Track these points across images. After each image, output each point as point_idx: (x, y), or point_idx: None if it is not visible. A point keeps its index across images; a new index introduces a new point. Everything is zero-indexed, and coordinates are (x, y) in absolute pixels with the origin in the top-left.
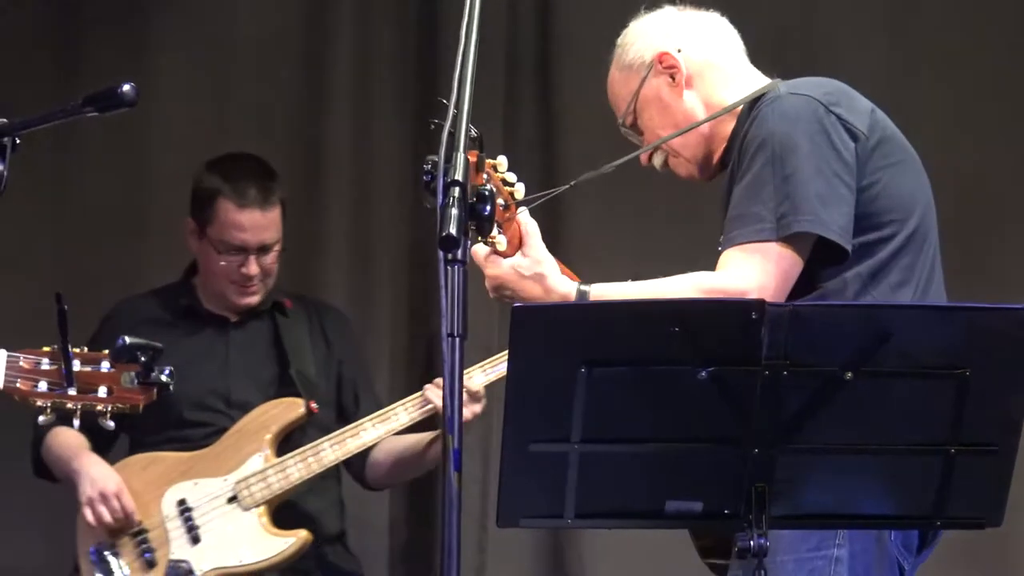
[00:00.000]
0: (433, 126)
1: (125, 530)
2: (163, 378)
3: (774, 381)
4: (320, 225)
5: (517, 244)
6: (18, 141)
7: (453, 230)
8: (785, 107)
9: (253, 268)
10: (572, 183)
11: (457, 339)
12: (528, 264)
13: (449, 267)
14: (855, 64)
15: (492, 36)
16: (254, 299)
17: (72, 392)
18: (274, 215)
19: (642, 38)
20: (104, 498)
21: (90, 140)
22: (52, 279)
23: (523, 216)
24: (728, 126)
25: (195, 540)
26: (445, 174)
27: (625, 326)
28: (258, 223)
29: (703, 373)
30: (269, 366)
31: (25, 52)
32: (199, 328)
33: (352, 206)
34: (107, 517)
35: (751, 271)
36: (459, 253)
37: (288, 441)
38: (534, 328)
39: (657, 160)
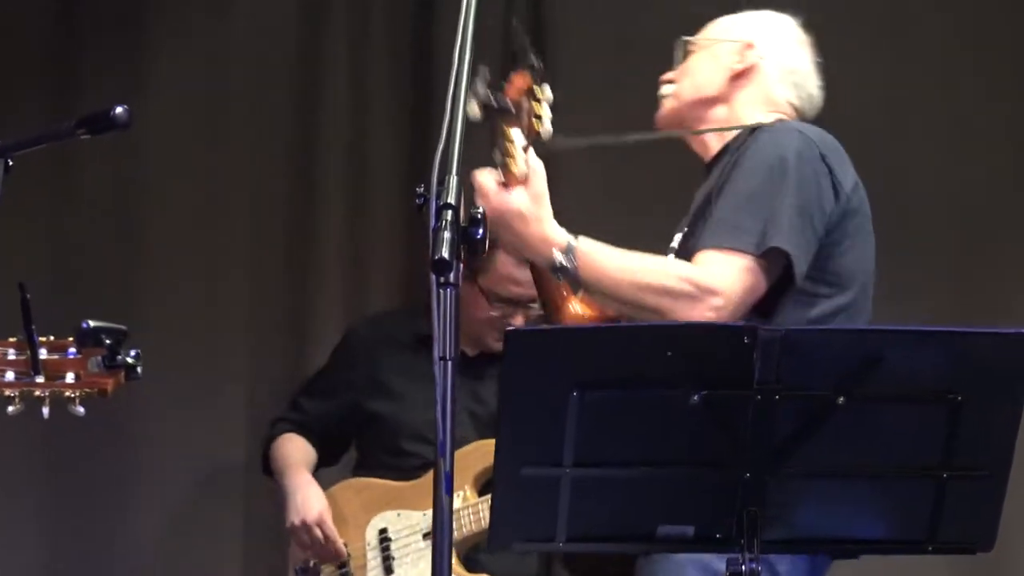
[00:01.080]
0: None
1: (330, 556)
2: (129, 360)
3: (766, 405)
4: (314, 248)
5: (522, 179)
6: (11, 163)
7: (446, 253)
8: (787, 139)
9: (519, 322)
10: (589, 141)
11: (449, 362)
12: (529, 204)
13: (441, 290)
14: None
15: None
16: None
17: (40, 380)
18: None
19: (758, 23)
20: (306, 527)
21: (84, 157)
22: (48, 294)
23: (532, 156)
24: (727, 136)
25: (388, 571)
26: (438, 197)
27: (617, 350)
28: (530, 279)
29: (695, 397)
30: (491, 406)
31: (20, 73)
32: (430, 358)
33: (346, 226)
34: (309, 545)
35: (727, 275)
36: (451, 276)
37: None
38: (526, 352)
39: (666, 88)
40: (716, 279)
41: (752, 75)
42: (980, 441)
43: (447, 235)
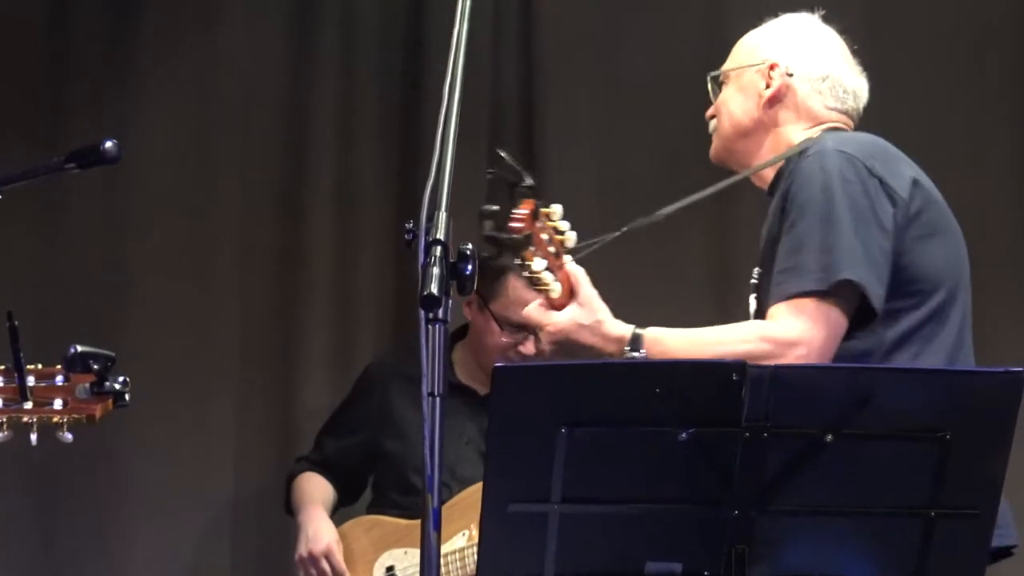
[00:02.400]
0: (490, 175)
1: None
2: (117, 387)
3: (755, 443)
4: (303, 282)
5: (568, 291)
6: (0, 197)
7: (435, 289)
8: (828, 163)
9: (530, 347)
10: (624, 229)
11: (438, 398)
12: (584, 312)
13: (430, 326)
14: None
15: (475, 98)
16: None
17: (28, 406)
18: None
19: (777, 37)
20: (312, 559)
21: (72, 188)
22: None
23: (570, 264)
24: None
25: None
26: (427, 233)
27: (606, 387)
28: None
29: (684, 434)
30: None
31: (6, 106)
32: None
33: (335, 258)
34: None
35: (802, 323)
36: (440, 312)
37: None
38: (515, 388)
39: (713, 122)
40: (792, 329)
41: (785, 95)
42: (969, 480)
43: (436, 271)
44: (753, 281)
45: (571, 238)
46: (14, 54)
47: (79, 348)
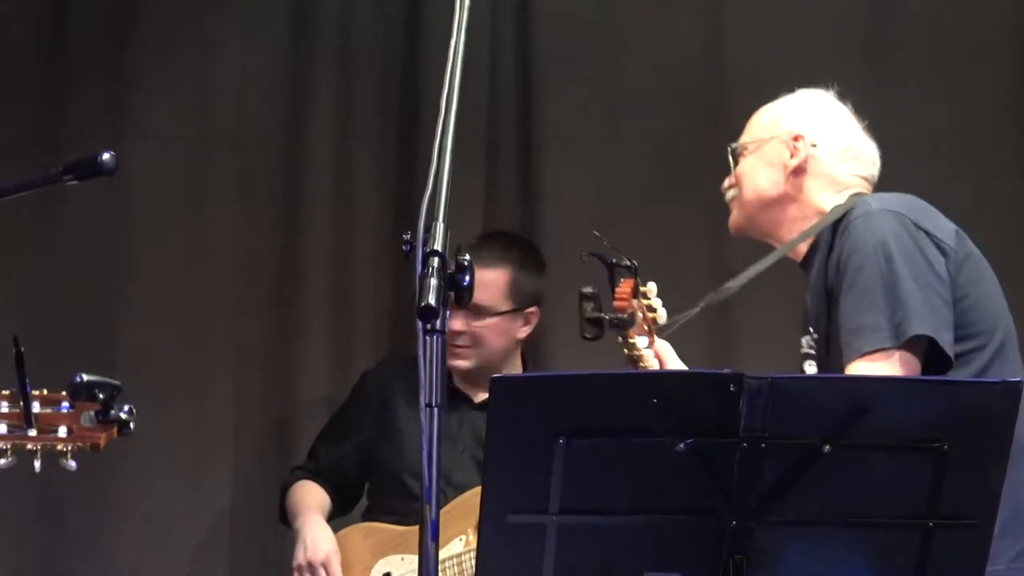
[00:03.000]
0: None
1: None
2: (122, 416)
3: (752, 453)
4: (299, 289)
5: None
6: None
7: (432, 300)
8: (878, 223)
9: (458, 323)
10: (701, 305)
11: (435, 409)
12: None
13: (428, 337)
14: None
15: (472, 109)
16: (460, 362)
17: (32, 433)
18: (494, 277)
19: (800, 109)
20: (311, 567)
21: (68, 204)
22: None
23: (659, 342)
24: (808, 222)
25: None
26: (424, 244)
27: (603, 398)
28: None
29: (681, 445)
30: None
31: (3, 122)
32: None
33: (332, 270)
34: None
35: (880, 372)
36: (438, 323)
37: None
38: (513, 399)
39: (730, 193)
40: None
41: (810, 165)
42: (966, 490)
43: (433, 282)
44: (806, 350)
45: (662, 316)
46: (11, 67)
47: (84, 377)
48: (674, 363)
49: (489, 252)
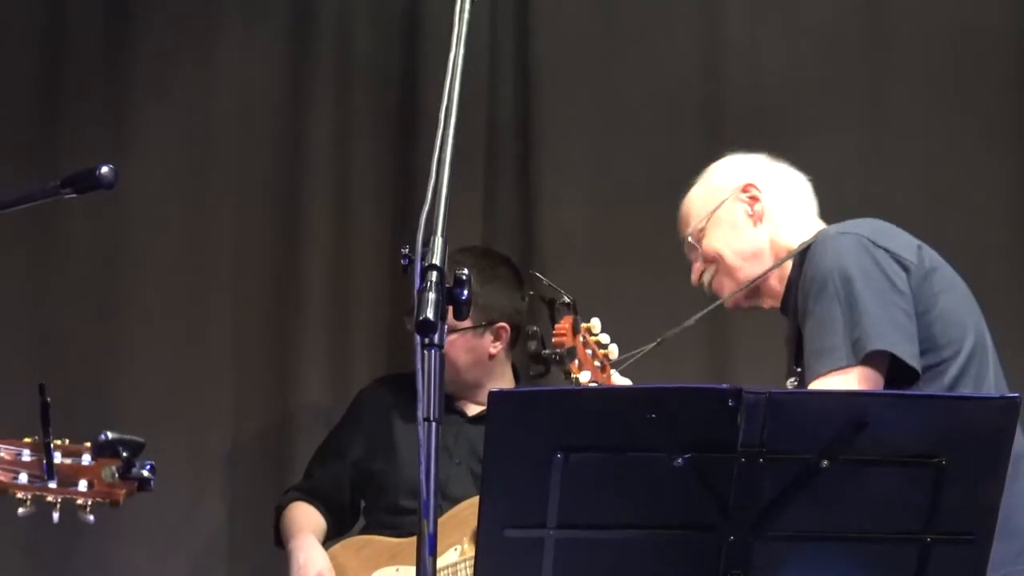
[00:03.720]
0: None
1: None
2: (144, 473)
3: (750, 468)
4: (297, 301)
5: None
6: None
7: (430, 314)
8: (835, 246)
9: None
10: (659, 340)
11: (433, 423)
12: None
13: (426, 351)
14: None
15: (471, 123)
16: None
17: (52, 485)
18: None
19: (732, 166)
20: None
21: (66, 218)
22: (27, 363)
23: (615, 375)
24: (784, 270)
25: None
26: (423, 258)
27: (601, 412)
28: None
29: (679, 460)
30: None
31: (4, 131)
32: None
33: (330, 283)
34: None
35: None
36: (436, 337)
37: None
38: (510, 414)
39: (706, 277)
40: None
41: (768, 211)
42: (964, 505)
43: (432, 296)
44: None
45: (613, 351)
46: (9, 78)
47: (109, 435)
48: None
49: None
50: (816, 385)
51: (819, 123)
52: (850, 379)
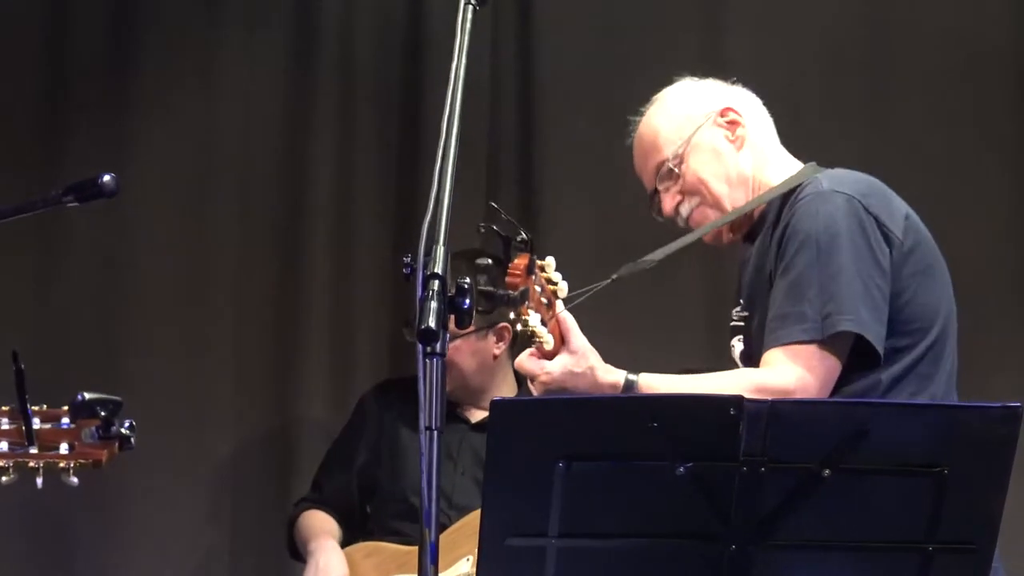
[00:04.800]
0: (483, 229)
1: None
2: (123, 431)
3: (752, 477)
4: (299, 311)
5: (559, 339)
6: None
7: (432, 323)
8: (828, 205)
9: None
10: (614, 276)
11: (435, 432)
12: (575, 360)
13: (428, 360)
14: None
15: (473, 132)
16: None
17: (33, 451)
18: None
19: (702, 90)
20: None
21: (70, 228)
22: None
23: (561, 313)
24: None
25: None
26: (424, 267)
27: (603, 421)
28: None
29: (681, 469)
30: None
31: (5, 149)
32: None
33: (332, 293)
34: None
35: (797, 370)
36: (438, 346)
37: None
38: (512, 423)
39: (684, 209)
40: (788, 378)
41: (750, 139)
42: (966, 514)
43: (434, 305)
44: (735, 323)
45: (563, 288)
46: (12, 90)
47: (86, 396)
48: (576, 337)
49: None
50: (774, 354)
51: (820, 133)
52: (811, 356)
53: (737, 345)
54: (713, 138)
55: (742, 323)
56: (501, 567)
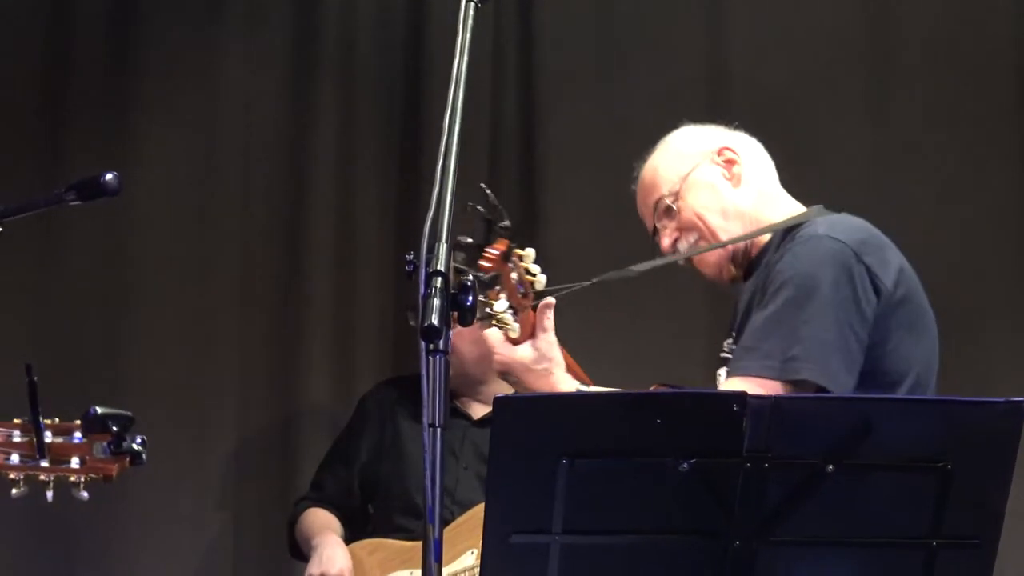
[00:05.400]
0: (469, 209)
1: None
2: (135, 446)
3: (755, 474)
4: (302, 307)
5: (529, 332)
6: (1, 229)
7: (435, 320)
8: (820, 250)
9: None
10: (594, 280)
11: (439, 429)
12: (535, 358)
13: (431, 357)
14: (836, 150)
15: (475, 130)
16: None
17: (44, 464)
18: None
19: (701, 133)
20: None
21: (71, 228)
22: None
23: (544, 309)
24: (761, 240)
25: None
26: (427, 264)
27: (607, 418)
28: None
29: (684, 465)
30: None
31: (6, 148)
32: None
33: (335, 289)
34: None
35: None
36: (441, 343)
37: None
38: (516, 420)
39: (682, 245)
40: None
41: (746, 177)
42: (970, 509)
43: (436, 302)
44: (724, 355)
45: (541, 281)
46: (14, 88)
47: (98, 410)
48: (545, 335)
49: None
50: (731, 382)
51: (822, 129)
52: (769, 392)
53: (723, 375)
54: (710, 175)
55: (729, 355)
56: (505, 565)
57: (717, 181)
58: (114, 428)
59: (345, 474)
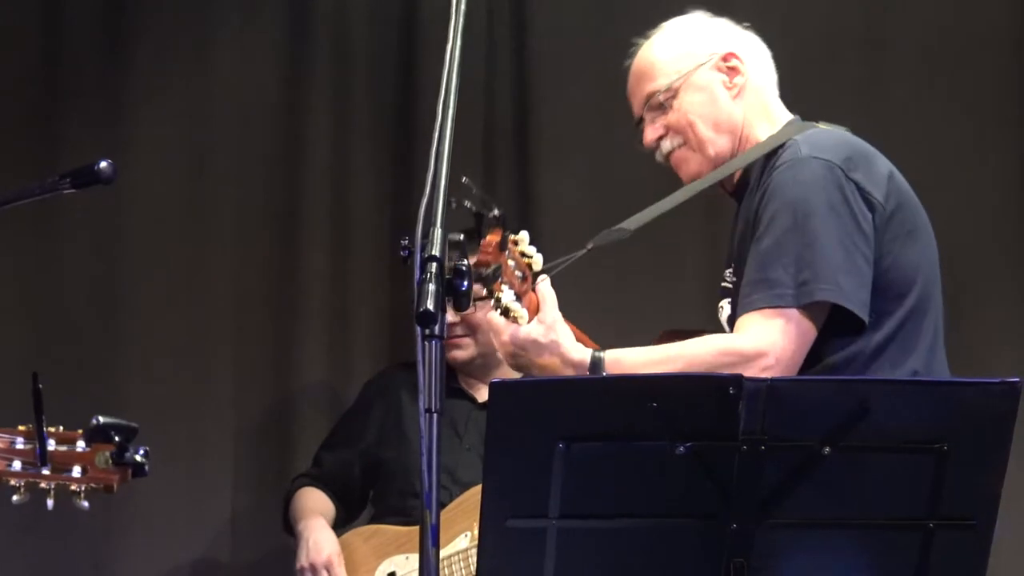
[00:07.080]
0: (454, 204)
1: None
2: (137, 458)
3: (752, 456)
4: (298, 295)
5: (534, 313)
6: None
7: (430, 305)
8: (806, 173)
9: (450, 314)
10: (589, 246)
11: (435, 415)
12: (543, 331)
13: (427, 342)
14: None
15: (469, 114)
16: (460, 353)
17: (46, 472)
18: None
19: (710, 29)
20: (313, 568)
21: (64, 216)
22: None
23: (541, 284)
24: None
25: None
26: (422, 250)
27: (603, 402)
28: None
29: (681, 448)
30: None
31: (3, 130)
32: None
33: (330, 276)
34: None
35: (769, 334)
36: (436, 328)
37: None
38: (512, 404)
39: (665, 145)
40: (759, 341)
41: (748, 89)
42: (967, 490)
43: (432, 287)
44: (725, 285)
45: (538, 261)
46: (8, 78)
47: (101, 419)
48: (550, 310)
49: (471, 239)
50: (749, 319)
51: (817, 119)
52: (786, 322)
53: (726, 307)
54: (710, 80)
55: (731, 286)
56: (502, 549)
57: (717, 89)
58: (117, 439)
59: (346, 455)
